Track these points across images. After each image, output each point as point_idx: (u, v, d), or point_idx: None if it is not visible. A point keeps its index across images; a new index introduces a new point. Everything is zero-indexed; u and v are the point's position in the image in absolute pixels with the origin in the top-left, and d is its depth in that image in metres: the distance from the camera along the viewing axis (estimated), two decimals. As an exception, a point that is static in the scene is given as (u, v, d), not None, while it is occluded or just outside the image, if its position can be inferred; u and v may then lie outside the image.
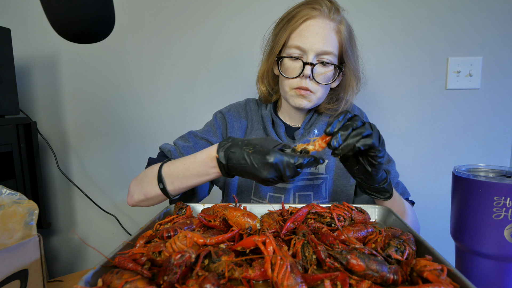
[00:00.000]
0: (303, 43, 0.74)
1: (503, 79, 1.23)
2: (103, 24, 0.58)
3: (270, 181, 0.54)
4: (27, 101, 1.39)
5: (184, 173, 0.65)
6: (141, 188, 0.71)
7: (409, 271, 0.40)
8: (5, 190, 0.51)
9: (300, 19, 0.74)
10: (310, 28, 0.73)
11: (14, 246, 0.45)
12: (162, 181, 0.67)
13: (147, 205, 0.74)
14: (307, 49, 0.74)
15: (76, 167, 1.43)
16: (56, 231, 1.48)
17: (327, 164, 0.83)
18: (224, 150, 0.57)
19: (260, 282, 0.40)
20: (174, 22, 1.31)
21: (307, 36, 0.73)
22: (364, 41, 1.26)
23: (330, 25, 0.74)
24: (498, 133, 1.26)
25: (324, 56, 0.75)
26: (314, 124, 0.85)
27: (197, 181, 0.64)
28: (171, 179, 0.66)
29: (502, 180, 0.47)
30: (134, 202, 0.73)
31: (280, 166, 0.52)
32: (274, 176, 0.53)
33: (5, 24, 1.18)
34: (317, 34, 0.73)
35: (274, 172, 0.52)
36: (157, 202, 0.73)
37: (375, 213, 0.65)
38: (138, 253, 0.44)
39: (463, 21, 1.22)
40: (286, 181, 0.55)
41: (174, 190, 0.67)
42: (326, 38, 0.74)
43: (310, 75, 0.74)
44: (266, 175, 0.52)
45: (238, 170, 0.56)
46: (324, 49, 0.74)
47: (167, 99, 1.36)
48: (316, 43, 0.73)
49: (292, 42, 0.75)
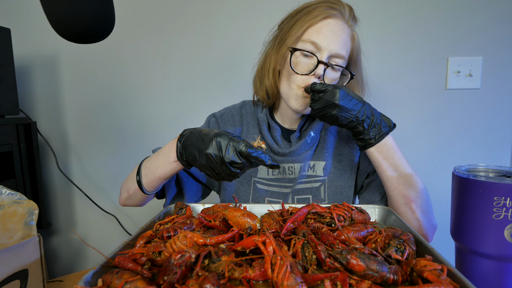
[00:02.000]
0: (320, 40, 0.71)
1: (503, 79, 1.23)
2: (103, 24, 0.58)
3: (211, 160, 0.56)
4: (27, 101, 1.39)
5: (154, 162, 0.68)
6: (125, 185, 0.75)
7: (409, 271, 0.40)
8: (5, 190, 0.51)
9: (321, 15, 0.71)
10: (330, 27, 0.71)
11: (14, 246, 0.45)
12: (140, 173, 0.70)
13: (133, 204, 0.77)
14: (323, 47, 0.71)
15: (76, 167, 1.43)
16: (56, 231, 1.48)
17: (325, 166, 0.82)
18: (184, 133, 0.63)
19: (260, 282, 0.40)
20: (174, 23, 1.31)
21: (325, 34, 0.71)
22: (364, 41, 1.26)
23: (347, 30, 0.73)
24: (498, 133, 1.26)
25: (336, 59, 0.73)
26: (310, 127, 0.82)
27: (161, 171, 0.67)
28: (145, 171, 0.70)
29: (502, 180, 0.47)
30: (122, 201, 0.77)
31: (222, 143, 0.55)
32: (214, 153, 0.55)
33: (5, 24, 1.18)
34: (336, 35, 0.71)
35: (216, 148, 0.55)
36: (138, 200, 0.76)
37: (375, 213, 0.65)
38: (138, 253, 0.44)
39: (463, 21, 1.22)
40: (225, 168, 0.56)
41: (147, 184, 0.70)
42: (343, 41, 0.72)
43: (321, 75, 0.71)
44: (207, 148, 0.56)
45: (189, 147, 0.60)
46: (339, 51, 0.72)
47: (167, 99, 1.36)
48: (333, 43, 0.71)
49: (308, 37, 0.71)
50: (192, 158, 0.59)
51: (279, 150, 0.80)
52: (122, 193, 0.76)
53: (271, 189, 0.82)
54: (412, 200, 0.69)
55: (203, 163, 0.58)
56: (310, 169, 0.82)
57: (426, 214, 0.71)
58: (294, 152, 0.80)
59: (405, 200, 0.70)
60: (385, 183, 0.72)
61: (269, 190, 0.82)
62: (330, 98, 0.65)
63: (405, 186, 0.69)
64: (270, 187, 0.82)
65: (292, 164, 0.81)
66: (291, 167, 0.81)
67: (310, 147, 0.82)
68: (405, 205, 0.70)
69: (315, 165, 0.82)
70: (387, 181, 0.71)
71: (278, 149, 0.81)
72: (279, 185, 0.82)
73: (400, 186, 0.70)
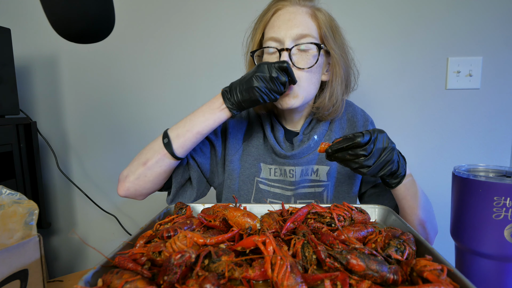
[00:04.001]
0: (276, 33, 0.71)
1: (503, 79, 1.23)
2: (103, 24, 0.58)
3: (260, 87, 0.64)
4: (27, 101, 1.39)
5: (190, 120, 0.71)
6: (139, 160, 0.72)
7: (409, 271, 0.40)
8: (5, 190, 0.51)
9: (270, 11, 0.73)
10: (281, 17, 0.71)
11: (14, 246, 0.45)
12: (168, 136, 0.70)
13: (143, 185, 0.72)
14: (281, 37, 0.70)
15: (76, 167, 1.43)
16: (56, 231, 1.48)
17: (329, 171, 0.80)
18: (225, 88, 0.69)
19: (260, 282, 0.40)
20: (174, 22, 1.31)
21: (279, 25, 0.71)
22: (364, 41, 1.27)
23: (302, 10, 0.71)
24: (498, 133, 1.26)
25: (301, 40, 0.70)
26: (314, 130, 0.81)
27: (202, 124, 0.69)
28: (177, 131, 0.70)
29: (502, 180, 0.47)
30: (127, 184, 0.72)
31: (265, 65, 0.64)
32: (264, 86, 0.64)
33: (5, 24, 1.18)
34: (289, 20, 0.70)
35: (261, 72, 0.63)
36: (157, 173, 0.71)
37: (375, 213, 0.65)
38: (138, 253, 0.44)
39: (463, 21, 1.22)
40: (276, 87, 0.65)
41: (179, 144, 0.69)
42: (300, 22, 0.70)
43: (288, 61, 0.69)
44: (254, 75, 0.64)
45: (234, 86, 0.67)
46: (299, 32, 0.69)
47: (167, 99, 1.36)
48: (290, 29, 0.69)
49: (267, 36, 0.73)
50: (240, 93, 0.66)
51: (281, 151, 0.78)
52: (132, 172, 0.72)
53: (273, 190, 0.81)
54: (426, 221, 0.70)
55: (254, 84, 0.64)
56: (313, 173, 0.80)
57: (433, 225, 0.73)
58: (296, 155, 0.78)
59: (419, 222, 0.70)
60: (405, 211, 0.70)
61: (271, 191, 0.81)
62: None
63: (420, 211, 0.69)
64: (272, 188, 0.81)
65: (293, 167, 0.79)
66: (292, 170, 0.79)
67: (313, 151, 0.79)
68: (419, 225, 0.71)
69: (319, 169, 0.80)
70: (407, 209, 0.70)
71: (280, 151, 0.78)
72: (281, 187, 0.81)
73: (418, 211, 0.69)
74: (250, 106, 0.68)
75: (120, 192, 0.74)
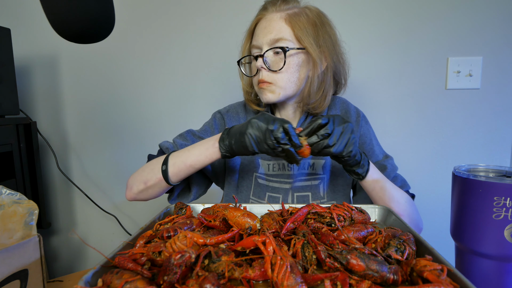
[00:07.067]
0: (255, 41, 0.78)
1: (503, 79, 1.23)
2: (103, 24, 0.58)
3: (253, 141, 0.62)
4: (27, 101, 1.39)
5: (188, 151, 0.71)
6: (141, 177, 0.75)
7: (409, 271, 0.40)
8: (5, 190, 0.51)
9: (254, 21, 0.80)
10: (261, 26, 0.77)
11: (14, 246, 0.45)
12: (166, 163, 0.72)
13: (146, 196, 0.77)
14: (260, 44, 0.76)
15: (76, 167, 1.43)
16: (56, 231, 1.48)
17: (324, 164, 0.84)
18: (226, 131, 0.67)
19: (260, 282, 0.40)
20: (174, 22, 1.31)
21: (258, 33, 0.77)
22: (364, 41, 1.27)
23: (277, 16, 0.76)
24: (498, 133, 1.26)
25: (275, 44, 0.75)
26: None
27: (194, 158, 0.70)
28: (173, 160, 0.71)
29: (502, 180, 0.47)
30: (133, 194, 0.76)
31: (266, 119, 0.61)
32: (256, 135, 0.61)
33: (5, 24, 1.18)
34: (265, 28, 0.76)
35: (257, 130, 0.61)
36: (156, 192, 0.75)
37: (375, 213, 0.65)
38: (138, 253, 0.44)
39: (463, 21, 1.22)
40: (269, 139, 0.60)
41: (173, 173, 0.71)
42: (273, 28, 0.75)
43: (262, 65, 0.76)
44: (249, 129, 0.62)
45: (232, 132, 0.65)
46: (272, 37, 0.75)
47: (166, 99, 1.36)
48: (266, 36, 0.75)
49: (252, 44, 0.80)
50: (235, 139, 0.64)
51: None
52: (136, 185, 0.75)
53: (272, 184, 0.84)
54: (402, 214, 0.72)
55: (251, 133, 0.62)
56: (310, 167, 0.84)
57: (413, 220, 0.74)
58: None
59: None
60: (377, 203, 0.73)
61: (269, 186, 0.84)
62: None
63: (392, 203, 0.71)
64: (271, 183, 0.84)
65: None
66: (289, 164, 0.83)
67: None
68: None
69: (315, 163, 0.84)
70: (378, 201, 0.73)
71: None
72: (279, 181, 0.84)
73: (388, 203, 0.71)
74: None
75: (127, 198, 0.78)
